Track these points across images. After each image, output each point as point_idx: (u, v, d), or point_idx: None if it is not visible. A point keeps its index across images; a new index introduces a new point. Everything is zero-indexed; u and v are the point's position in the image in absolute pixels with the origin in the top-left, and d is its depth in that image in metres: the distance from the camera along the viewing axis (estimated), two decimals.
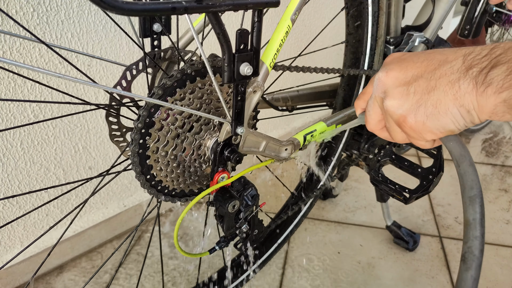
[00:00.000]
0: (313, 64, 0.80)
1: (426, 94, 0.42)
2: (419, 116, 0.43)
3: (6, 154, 0.93)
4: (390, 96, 0.46)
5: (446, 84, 0.40)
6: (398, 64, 0.47)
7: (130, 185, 1.24)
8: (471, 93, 0.38)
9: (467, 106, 0.40)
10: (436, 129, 0.43)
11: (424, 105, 0.43)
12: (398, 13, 0.91)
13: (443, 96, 0.41)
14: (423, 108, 0.43)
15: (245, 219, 0.63)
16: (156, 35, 0.63)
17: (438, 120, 0.42)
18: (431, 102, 0.42)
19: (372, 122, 0.52)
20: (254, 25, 0.48)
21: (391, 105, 0.46)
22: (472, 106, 0.39)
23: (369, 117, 0.52)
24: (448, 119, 0.42)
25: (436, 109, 0.42)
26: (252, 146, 0.61)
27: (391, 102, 0.46)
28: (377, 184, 0.82)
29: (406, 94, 0.44)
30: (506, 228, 1.29)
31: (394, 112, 0.46)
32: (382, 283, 1.08)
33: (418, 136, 0.46)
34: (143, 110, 0.52)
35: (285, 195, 1.45)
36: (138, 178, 0.55)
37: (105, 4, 0.33)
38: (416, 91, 0.43)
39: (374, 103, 0.50)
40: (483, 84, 0.37)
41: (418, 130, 0.44)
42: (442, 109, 0.41)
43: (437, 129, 0.43)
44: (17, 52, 0.86)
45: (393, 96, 0.46)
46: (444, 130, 0.43)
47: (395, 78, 0.46)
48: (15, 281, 1.05)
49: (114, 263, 1.16)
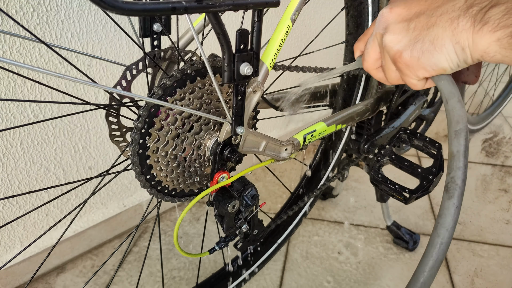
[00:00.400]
0: (313, 64, 0.80)
1: (425, 30, 0.43)
2: (415, 51, 0.44)
3: (6, 154, 0.93)
4: (390, 31, 0.47)
5: (446, 21, 0.41)
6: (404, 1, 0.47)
7: (130, 185, 1.24)
8: (468, 30, 0.39)
9: (463, 43, 0.40)
10: (429, 66, 0.44)
11: (421, 40, 0.43)
12: None
13: (441, 32, 0.42)
14: (420, 44, 0.44)
15: (245, 219, 0.63)
16: (156, 35, 0.63)
17: (432, 57, 0.43)
18: (429, 38, 0.43)
19: (370, 61, 0.53)
20: (254, 25, 0.48)
21: (390, 40, 0.46)
22: (467, 43, 0.40)
23: (367, 55, 0.53)
24: (442, 55, 0.42)
25: (432, 45, 0.43)
26: (252, 146, 0.61)
27: (390, 37, 0.47)
28: (377, 184, 0.82)
29: (405, 30, 0.45)
30: (506, 228, 1.29)
31: (392, 47, 0.46)
32: (382, 283, 1.08)
33: (411, 73, 0.46)
34: (143, 110, 0.52)
35: (286, 195, 1.45)
36: (138, 178, 0.55)
37: (105, 4, 0.33)
38: (416, 27, 0.44)
39: (374, 40, 0.51)
40: (481, 22, 0.38)
41: (412, 66, 0.45)
42: (439, 45, 0.42)
43: (430, 66, 0.44)
44: (17, 52, 0.86)
45: (393, 31, 0.46)
46: (437, 67, 0.44)
47: (398, 14, 0.46)
48: (15, 281, 1.05)
49: (114, 263, 1.16)
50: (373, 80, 0.93)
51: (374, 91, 0.95)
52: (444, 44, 0.42)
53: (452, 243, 1.22)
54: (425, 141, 0.83)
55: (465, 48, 0.41)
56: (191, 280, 1.09)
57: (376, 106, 0.93)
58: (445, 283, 1.08)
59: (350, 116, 0.83)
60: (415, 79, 0.47)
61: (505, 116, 2.14)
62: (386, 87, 0.96)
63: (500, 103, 2.07)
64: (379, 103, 0.93)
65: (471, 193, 1.47)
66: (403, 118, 1.01)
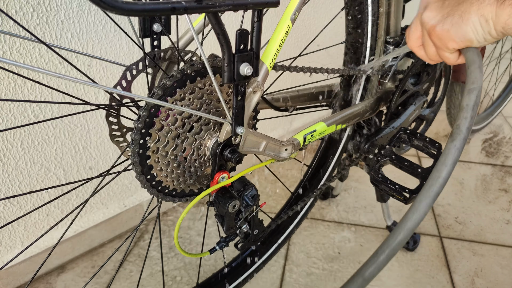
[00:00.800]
0: (313, 64, 0.80)
1: (456, 6, 0.50)
2: (446, 24, 0.51)
3: (6, 154, 0.93)
4: (428, 9, 0.54)
5: None
6: None
7: (131, 185, 1.25)
8: (492, 4, 0.46)
9: (487, 16, 0.46)
10: (457, 37, 0.50)
11: (452, 15, 0.50)
12: (398, 13, 0.91)
13: (469, 7, 0.48)
14: (450, 18, 0.50)
15: (245, 219, 0.63)
16: (156, 35, 0.63)
17: (460, 28, 0.49)
18: (458, 13, 0.49)
19: (412, 38, 0.59)
20: (254, 25, 0.48)
21: (426, 16, 0.54)
22: (490, 16, 0.46)
23: (411, 33, 0.59)
24: (469, 27, 0.48)
25: (460, 18, 0.49)
26: (252, 146, 0.62)
27: (426, 14, 0.54)
28: (377, 184, 0.82)
29: (440, 7, 0.52)
30: (506, 228, 1.29)
31: (427, 22, 0.53)
32: (382, 283, 1.08)
33: (443, 45, 0.53)
34: (143, 110, 0.52)
35: (286, 195, 1.45)
36: (139, 178, 0.55)
37: (105, 4, 0.33)
38: (449, 4, 0.51)
39: (416, 20, 0.58)
40: None
41: (443, 37, 0.52)
42: (465, 18, 0.48)
43: (458, 38, 0.50)
44: (17, 52, 0.86)
45: (430, 9, 0.54)
46: (464, 38, 0.50)
47: None
48: (16, 281, 1.05)
49: (114, 263, 1.16)
50: (373, 80, 0.93)
51: (374, 91, 0.95)
52: (470, 17, 0.48)
53: (452, 243, 1.22)
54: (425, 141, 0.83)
55: (489, 20, 0.47)
56: (192, 280, 1.09)
57: (376, 106, 0.93)
58: (445, 283, 1.08)
59: (350, 116, 0.83)
60: (447, 51, 0.54)
61: (505, 116, 2.13)
62: (386, 87, 0.96)
63: (500, 103, 2.07)
64: (379, 103, 0.93)
65: (471, 193, 1.47)
66: (403, 118, 1.01)
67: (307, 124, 0.73)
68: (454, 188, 1.49)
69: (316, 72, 0.75)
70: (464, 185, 1.51)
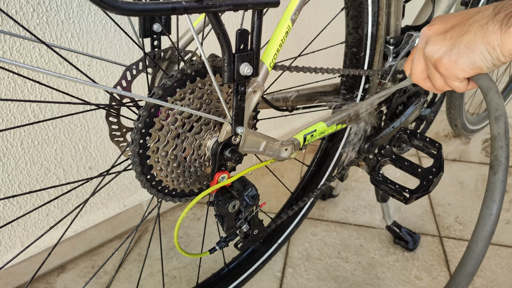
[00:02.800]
0: (313, 64, 0.80)
1: (459, 37, 0.51)
2: (453, 56, 0.51)
3: (6, 154, 0.93)
4: (430, 43, 0.55)
5: (477, 27, 0.49)
6: (440, 19, 0.56)
7: (130, 185, 1.25)
8: (497, 32, 0.46)
9: (493, 43, 0.47)
10: (466, 66, 0.51)
11: (457, 46, 0.51)
12: (398, 13, 0.91)
13: (473, 37, 0.49)
14: (456, 49, 0.51)
15: (245, 219, 0.63)
16: (156, 35, 0.63)
17: (468, 58, 0.50)
18: (464, 43, 0.50)
19: (416, 72, 0.60)
20: (254, 25, 0.48)
21: (430, 50, 0.54)
22: (496, 43, 0.47)
23: (414, 68, 0.60)
24: (476, 55, 0.49)
25: (467, 48, 0.50)
26: (252, 146, 0.62)
27: (430, 48, 0.55)
28: (377, 184, 0.82)
29: (443, 40, 0.53)
30: (506, 228, 1.29)
31: (432, 56, 0.54)
32: (382, 283, 1.08)
33: (452, 75, 0.53)
34: (143, 110, 0.52)
35: (286, 195, 1.45)
36: (139, 178, 0.55)
37: (105, 4, 0.33)
38: (452, 36, 0.52)
39: (419, 54, 0.59)
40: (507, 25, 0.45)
41: (451, 68, 0.52)
42: (472, 47, 0.49)
43: (467, 67, 0.51)
44: (17, 52, 0.86)
45: (433, 43, 0.54)
46: (473, 66, 0.51)
47: (436, 29, 0.55)
48: (16, 281, 1.05)
49: (114, 263, 1.16)
50: (373, 80, 0.93)
51: (374, 91, 0.95)
52: (476, 46, 0.49)
53: (452, 243, 1.22)
54: (425, 141, 0.83)
55: (496, 47, 0.47)
56: (192, 280, 1.09)
57: (376, 106, 0.93)
58: (445, 283, 1.08)
59: (350, 116, 0.83)
60: (457, 81, 0.54)
61: None
62: (386, 87, 0.96)
63: None
64: (379, 103, 0.93)
65: (471, 193, 1.47)
66: (403, 118, 1.01)
67: (307, 124, 0.73)
68: (454, 188, 1.49)
69: (316, 72, 0.75)
70: (464, 185, 1.51)
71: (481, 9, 0.50)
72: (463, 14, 0.53)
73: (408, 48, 0.92)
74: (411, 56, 0.63)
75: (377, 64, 0.90)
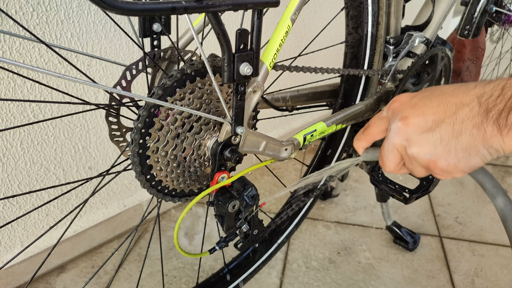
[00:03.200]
0: (313, 64, 0.80)
1: (454, 139, 0.45)
2: (451, 159, 0.46)
3: (6, 154, 0.93)
4: (416, 143, 0.48)
5: (472, 128, 0.44)
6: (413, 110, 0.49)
7: (130, 185, 1.25)
8: (497, 135, 0.42)
9: (496, 146, 0.43)
10: (467, 168, 0.47)
11: (454, 149, 0.45)
12: (398, 13, 0.91)
13: (472, 140, 0.44)
14: (453, 153, 0.46)
15: (245, 219, 0.63)
16: (156, 35, 0.63)
17: (469, 161, 0.46)
18: (461, 147, 0.45)
19: (391, 166, 0.54)
20: (254, 25, 0.48)
21: (418, 152, 0.48)
22: (500, 145, 0.43)
23: (388, 161, 0.53)
24: (478, 158, 0.45)
25: (467, 152, 0.45)
26: (252, 146, 0.61)
27: (417, 149, 0.48)
28: (377, 184, 0.82)
29: (432, 141, 0.47)
30: None
31: (422, 158, 0.48)
32: (382, 283, 1.08)
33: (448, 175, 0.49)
34: (143, 110, 0.52)
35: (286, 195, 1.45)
36: (138, 178, 0.55)
37: (105, 4, 0.33)
38: (443, 137, 0.46)
39: (394, 150, 0.51)
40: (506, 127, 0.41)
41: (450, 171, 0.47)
42: (473, 151, 0.45)
43: (468, 168, 0.47)
44: (17, 52, 0.86)
45: (420, 143, 0.48)
46: (474, 167, 0.47)
47: (416, 125, 0.48)
48: (16, 281, 1.05)
49: (114, 263, 1.16)
50: (373, 80, 0.93)
51: (374, 91, 0.95)
52: (478, 150, 0.44)
53: (452, 243, 1.22)
54: None
55: (499, 149, 0.44)
56: (191, 280, 1.09)
57: (376, 106, 0.92)
58: (445, 283, 1.08)
59: (350, 116, 0.83)
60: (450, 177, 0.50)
61: None
62: (386, 87, 0.96)
63: None
64: (379, 103, 0.93)
65: (471, 193, 1.47)
66: None
67: (307, 124, 0.73)
68: (454, 188, 1.49)
69: (316, 72, 0.75)
70: (464, 185, 1.51)
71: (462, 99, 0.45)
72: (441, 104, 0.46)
73: (408, 48, 0.92)
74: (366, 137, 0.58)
75: (377, 64, 0.89)
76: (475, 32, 1.22)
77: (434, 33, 0.99)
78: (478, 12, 1.19)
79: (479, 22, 1.21)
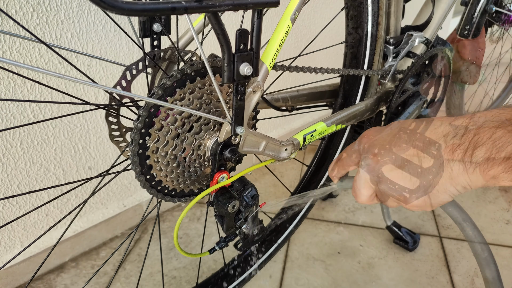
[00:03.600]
0: (313, 64, 0.80)
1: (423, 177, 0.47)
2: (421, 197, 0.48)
3: (6, 154, 0.93)
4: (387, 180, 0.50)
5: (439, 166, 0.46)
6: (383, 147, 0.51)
7: (130, 185, 1.24)
8: (464, 173, 0.44)
9: (463, 183, 0.45)
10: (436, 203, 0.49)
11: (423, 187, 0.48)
12: (398, 13, 0.91)
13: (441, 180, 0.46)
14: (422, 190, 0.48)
15: (245, 219, 0.63)
16: (156, 35, 0.63)
17: (439, 198, 0.48)
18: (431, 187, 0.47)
19: (364, 199, 0.56)
20: (254, 25, 0.48)
21: (389, 189, 0.50)
22: (467, 183, 0.45)
23: (361, 195, 0.55)
24: (447, 195, 0.47)
25: (436, 191, 0.47)
26: (252, 146, 0.61)
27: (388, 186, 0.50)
28: None
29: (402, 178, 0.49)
30: (506, 228, 1.29)
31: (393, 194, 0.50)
32: (382, 283, 1.08)
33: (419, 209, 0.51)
34: (142, 110, 0.52)
35: (286, 195, 1.45)
36: (138, 178, 0.55)
37: (105, 4, 0.33)
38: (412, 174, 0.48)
39: (366, 184, 0.54)
40: (471, 165, 0.43)
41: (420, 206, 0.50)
42: (441, 189, 0.47)
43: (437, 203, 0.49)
44: (17, 52, 0.86)
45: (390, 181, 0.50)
46: (443, 202, 0.49)
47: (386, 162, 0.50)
48: (15, 281, 1.05)
49: (114, 263, 1.16)
50: (373, 80, 0.93)
51: (374, 91, 0.95)
52: (446, 188, 0.46)
53: (452, 243, 1.22)
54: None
55: (466, 186, 0.46)
56: (191, 280, 1.09)
57: (376, 106, 0.93)
58: (445, 283, 1.08)
59: (350, 116, 0.83)
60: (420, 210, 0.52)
61: None
62: (386, 87, 0.96)
63: (500, 103, 2.07)
64: (379, 103, 0.93)
65: (471, 193, 1.47)
66: (402, 118, 1.01)
67: (307, 124, 0.73)
68: None
69: (316, 72, 0.75)
70: None
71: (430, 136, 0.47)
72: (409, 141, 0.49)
73: (408, 48, 0.92)
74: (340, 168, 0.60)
75: (377, 64, 0.90)
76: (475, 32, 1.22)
77: (434, 33, 0.99)
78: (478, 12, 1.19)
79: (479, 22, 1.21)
